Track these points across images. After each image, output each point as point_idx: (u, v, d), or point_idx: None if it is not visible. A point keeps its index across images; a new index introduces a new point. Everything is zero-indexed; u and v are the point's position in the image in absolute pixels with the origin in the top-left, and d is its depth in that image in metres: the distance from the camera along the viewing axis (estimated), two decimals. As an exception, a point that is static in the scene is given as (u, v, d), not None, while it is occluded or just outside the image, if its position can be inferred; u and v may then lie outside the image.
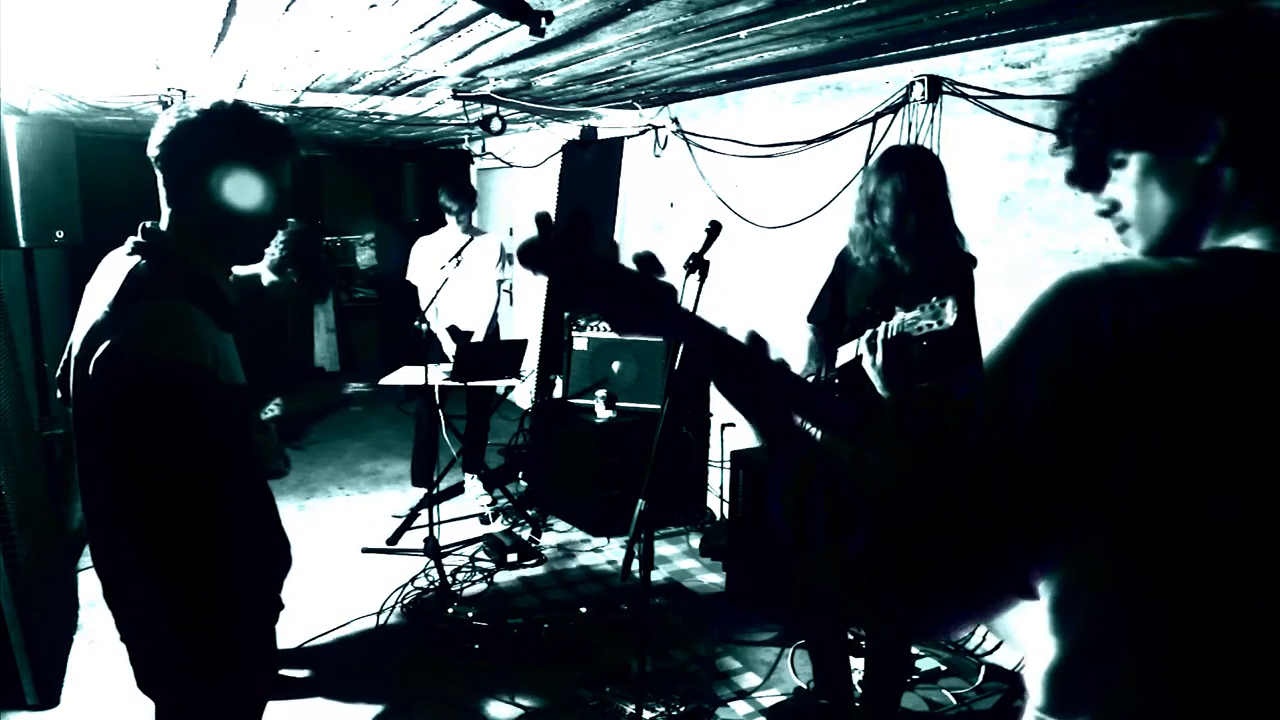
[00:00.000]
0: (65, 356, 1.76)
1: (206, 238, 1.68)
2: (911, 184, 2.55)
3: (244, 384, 1.69)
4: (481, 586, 4.20)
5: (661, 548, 4.69)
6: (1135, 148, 0.97)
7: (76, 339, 1.62)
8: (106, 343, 1.52)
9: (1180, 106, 0.92)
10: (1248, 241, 0.90)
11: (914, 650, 3.43)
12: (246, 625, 1.72)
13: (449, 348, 4.99)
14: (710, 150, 4.92)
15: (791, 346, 4.16)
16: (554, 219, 1.17)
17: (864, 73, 3.91)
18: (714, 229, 2.60)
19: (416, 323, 4.76)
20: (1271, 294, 0.85)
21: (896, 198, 2.55)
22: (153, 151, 1.65)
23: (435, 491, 4.69)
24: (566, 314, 5.23)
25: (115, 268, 1.64)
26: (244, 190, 1.66)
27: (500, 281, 5.41)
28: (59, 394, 1.83)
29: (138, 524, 1.55)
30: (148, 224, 1.68)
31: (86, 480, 1.66)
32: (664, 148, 5.34)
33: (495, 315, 5.40)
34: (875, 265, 2.65)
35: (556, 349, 5.68)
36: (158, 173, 1.67)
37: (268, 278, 3.23)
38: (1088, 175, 1.02)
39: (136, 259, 1.62)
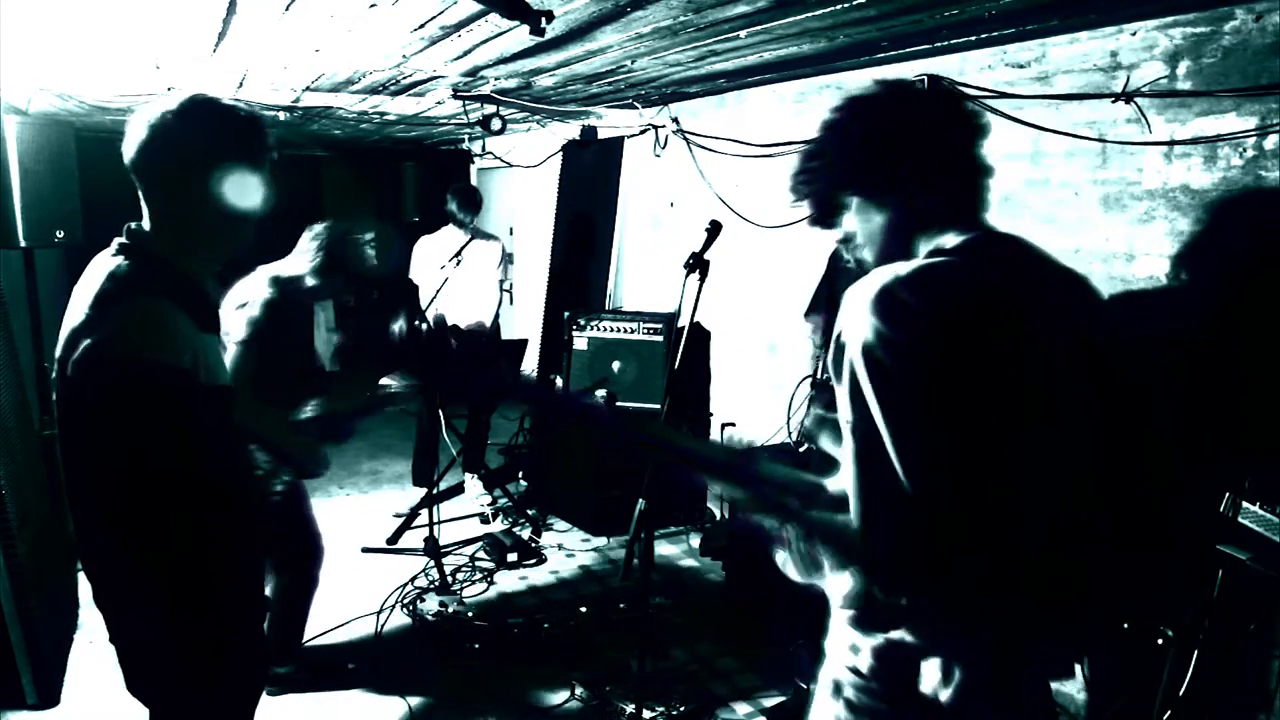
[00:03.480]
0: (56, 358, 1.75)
1: (189, 236, 1.66)
2: None
3: (227, 385, 1.68)
4: (481, 586, 4.20)
5: (661, 548, 4.68)
6: (853, 193, 1.35)
7: (60, 340, 1.61)
8: (85, 343, 1.51)
9: (873, 160, 1.32)
10: (949, 240, 1.32)
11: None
12: (235, 626, 1.71)
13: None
14: (710, 150, 4.92)
15: (792, 345, 4.14)
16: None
17: (864, 72, 3.91)
18: (714, 229, 2.60)
19: (417, 322, 4.76)
20: (979, 268, 1.26)
21: None
22: (129, 154, 1.61)
23: (435, 491, 4.69)
24: (566, 314, 5.23)
25: (100, 269, 1.62)
26: (225, 187, 1.64)
27: (501, 281, 5.41)
28: (55, 395, 1.82)
29: (121, 525, 1.54)
30: (133, 225, 1.66)
31: (71, 481, 1.65)
32: (664, 147, 5.34)
33: (496, 315, 5.40)
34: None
35: (556, 349, 5.68)
36: (135, 176, 1.64)
37: (310, 281, 3.12)
38: (824, 218, 1.40)
39: (119, 259, 1.61)
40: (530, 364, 5.32)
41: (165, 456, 1.51)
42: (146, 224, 1.67)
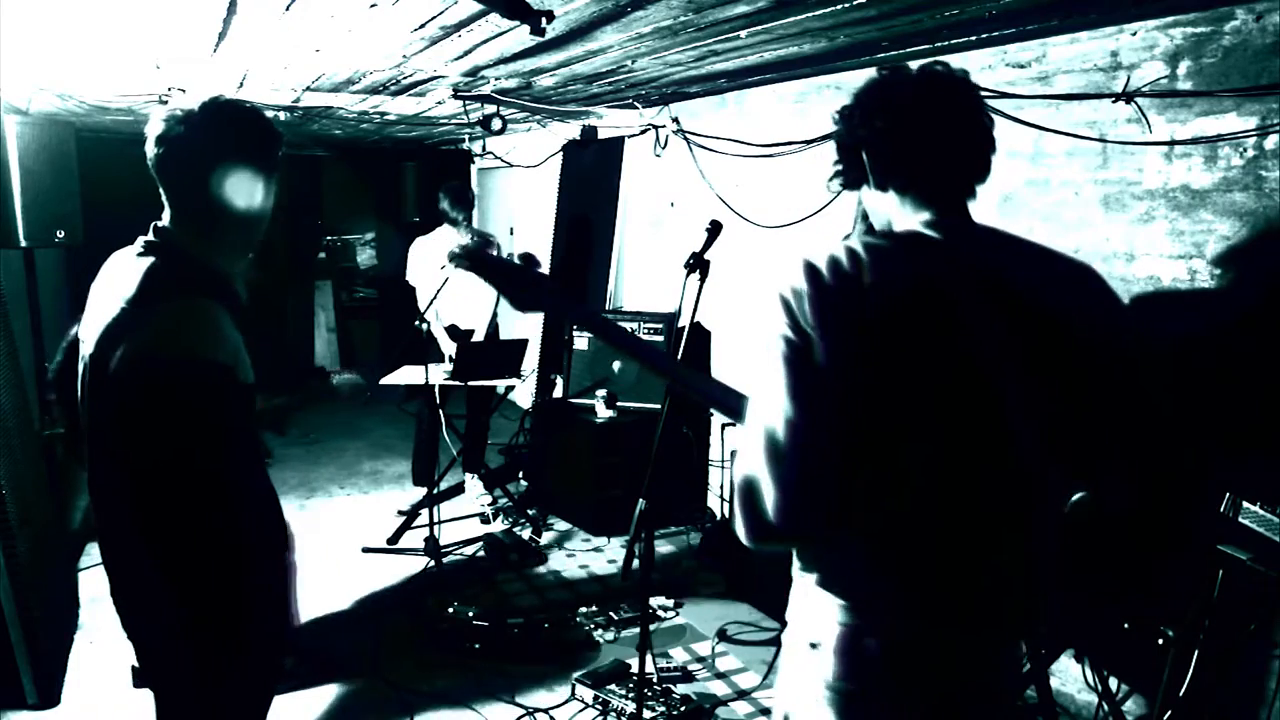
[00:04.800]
0: (60, 359, 1.75)
1: (214, 235, 1.68)
2: None
3: (253, 383, 1.70)
4: (481, 586, 4.20)
5: (661, 548, 4.69)
6: (857, 177, 1.47)
7: (88, 338, 1.60)
8: (132, 342, 1.51)
9: (852, 157, 1.45)
10: (910, 224, 1.39)
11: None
12: (253, 622, 1.72)
13: (447, 348, 4.98)
14: (710, 150, 4.92)
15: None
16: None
17: (864, 72, 3.89)
18: (714, 229, 2.59)
19: (417, 322, 4.77)
20: (900, 256, 1.34)
21: None
22: (152, 153, 1.63)
23: (436, 491, 4.70)
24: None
25: (127, 267, 1.63)
26: (248, 186, 1.66)
27: None
28: (51, 395, 1.82)
29: (157, 522, 1.54)
30: (159, 224, 1.68)
31: (100, 478, 1.65)
32: (664, 147, 5.34)
33: (495, 315, 5.40)
34: None
35: (557, 348, 5.68)
36: (157, 175, 1.66)
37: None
38: (849, 185, 1.51)
39: (150, 259, 1.61)
40: (530, 364, 5.32)
41: (206, 453, 1.53)
42: (170, 223, 1.68)
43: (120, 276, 1.62)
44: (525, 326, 7.13)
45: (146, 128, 1.64)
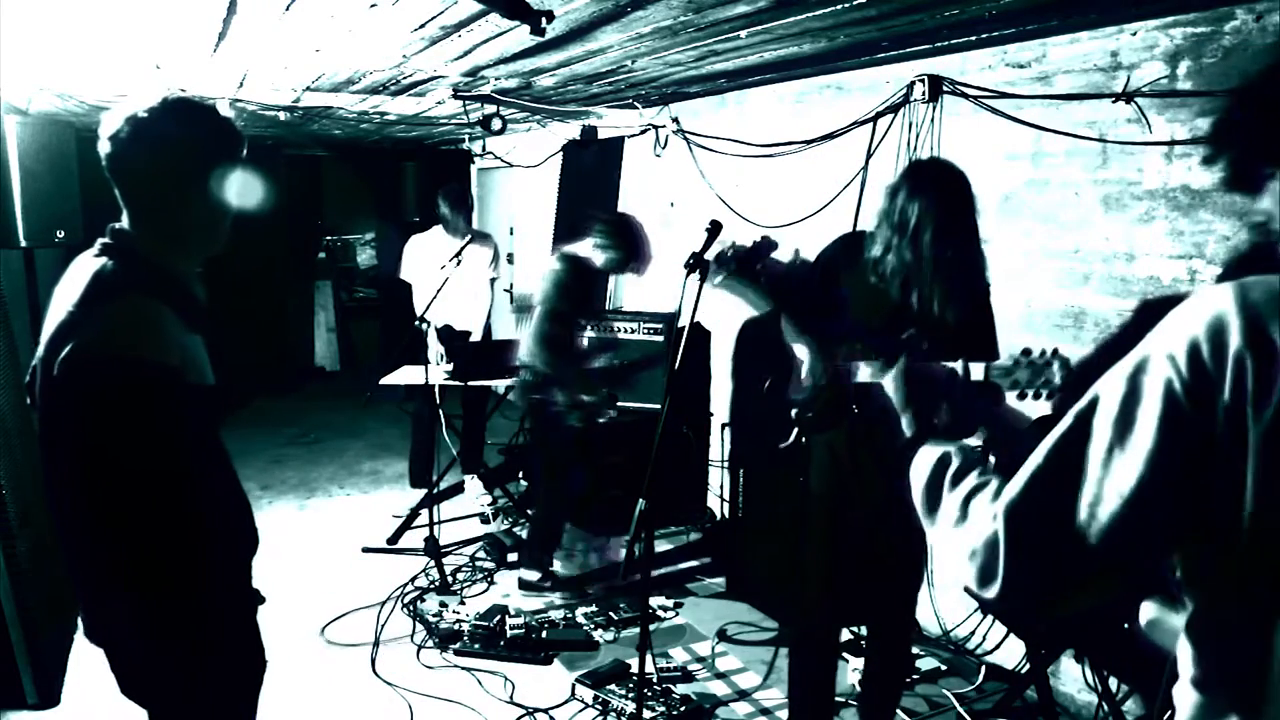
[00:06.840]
0: (34, 361, 1.74)
1: (171, 235, 1.65)
2: (955, 211, 2.34)
3: (213, 385, 1.66)
4: (481, 586, 4.20)
5: (661, 548, 4.68)
6: (1272, 164, 0.96)
7: (41, 341, 1.59)
8: (75, 343, 1.49)
9: None
10: None
11: (914, 650, 3.43)
12: (225, 624, 1.70)
13: (434, 351, 4.95)
14: (710, 150, 4.92)
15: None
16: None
17: (864, 72, 3.91)
18: (714, 229, 2.59)
19: (418, 322, 4.76)
20: None
21: (938, 228, 2.31)
22: (106, 153, 1.60)
23: (435, 491, 4.69)
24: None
25: (82, 269, 1.61)
26: (205, 186, 1.63)
27: (494, 280, 5.40)
28: (28, 399, 1.80)
29: (109, 527, 1.52)
30: (115, 225, 1.65)
31: (54, 485, 1.62)
32: (664, 147, 5.34)
33: (489, 315, 5.40)
34: (902, 294, 2.42)
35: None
36: (111, 176, 1.62)
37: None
38: (1243, 183, 1.03)
39: (104, 260, 1.59)
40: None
41: (152, 455, 1.49)
42: (128, 224, 1.65)
43: (75, 280, 1.60)
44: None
45: (100, 128, 1.60)
